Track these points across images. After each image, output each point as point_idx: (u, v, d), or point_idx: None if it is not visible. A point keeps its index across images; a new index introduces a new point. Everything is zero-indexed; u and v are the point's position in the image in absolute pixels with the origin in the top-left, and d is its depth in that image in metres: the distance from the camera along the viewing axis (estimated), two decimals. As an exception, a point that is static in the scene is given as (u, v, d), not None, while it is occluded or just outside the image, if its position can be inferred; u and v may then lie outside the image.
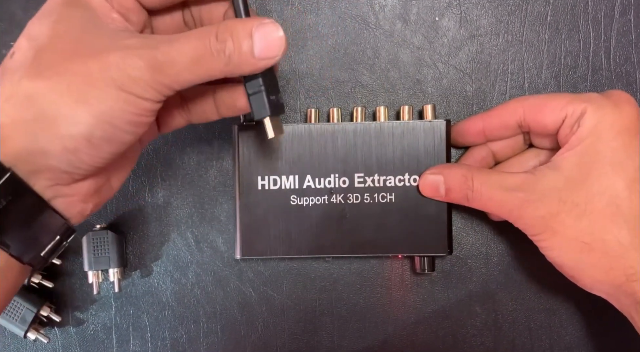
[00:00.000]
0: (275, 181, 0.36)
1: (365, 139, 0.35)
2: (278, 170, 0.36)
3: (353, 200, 0.36)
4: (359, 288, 0.39)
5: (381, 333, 0.39)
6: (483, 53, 0.38)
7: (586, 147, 0.31)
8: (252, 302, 0.39)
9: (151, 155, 0.39)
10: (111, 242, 0.38)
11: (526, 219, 0.32)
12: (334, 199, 0.36)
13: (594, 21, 0.38)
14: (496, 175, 0.33)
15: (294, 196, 0.36)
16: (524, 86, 0.38)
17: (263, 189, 0.36)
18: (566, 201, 0.30)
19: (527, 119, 0.33)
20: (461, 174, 0.33)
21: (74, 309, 0.40)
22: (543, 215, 0.31)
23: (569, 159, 0.31)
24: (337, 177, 0.36)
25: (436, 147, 0.35)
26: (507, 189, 0.32)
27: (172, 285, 0.40)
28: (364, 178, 0.35)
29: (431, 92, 0.38)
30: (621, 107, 0.31)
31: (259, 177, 0.36)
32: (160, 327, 0.40)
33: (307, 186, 0.36)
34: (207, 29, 0.26)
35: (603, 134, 0.30)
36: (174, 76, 0.25)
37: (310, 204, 0.36)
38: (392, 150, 0.35)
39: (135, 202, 0.40)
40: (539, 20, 0.38)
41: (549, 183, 0.31)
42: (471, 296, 0.39)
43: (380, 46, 0.38)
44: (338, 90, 0.39)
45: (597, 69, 0.38)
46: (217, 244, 0.39)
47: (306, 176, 0.36)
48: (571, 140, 0.31)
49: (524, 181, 0.32)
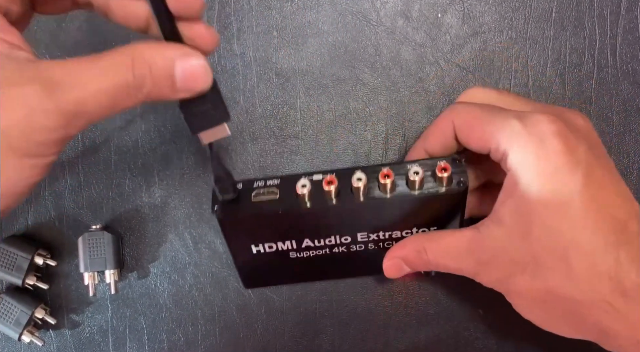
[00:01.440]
0: (271, 246, 0.34)
1: (367, 212, 0.32)
2: (272, 239, 0.34)
3: (357, 249, 0.34)
4: (360, 290, 0.39)
5: (382, 336, 0.39)
6: (486, 50, 0.38)
7: (520, 196, 0.28)
8: (251, 304, 0.39)
9: (148, 154, 0.39)
10: (107, 243, 0.38)
11: (486, 283, 0.30)
12: (336, 250, 0.34)
13: (599, 18, 0.37)
14: (445, 241, 0.31)
15: (293, 253, 0.34)
16: (528, 84, 0.38)
17: (258, 253, 0.34)
18: (516, 261, 0.28)
19: (459, 138, 0.32)
20: (414, 250, 0.32)
21: (70, 312, 0.40)
22: (498, 278, 0.30)
23: (508, 208, 0.29)
24: (339, 237, 0.33)
25: (452, 215, 0.33)
26: (456, 255, 0.30)
27: (169, 287, 0.40)
28: (368, 235, 0.33)
29: (434, 90, 0.38)
30: (547, 144, 0.27)
31: (252, 245, 0.34)
32: (158, 329, 0.40)
33: (306, 246, 0.34)
34: (121, 62, 0.23)
35: (530, 179, 0.28)
36: (82, 121, 0.23)
37: (311, 255, 0.35)
38: (399, 217, 0.32)
39: (132, 202, 0.39)
40: (543, 16, 0.38)
41: (495, 242, 0.29)
42: (475, 298, 0.38)
43: (382, 43, 0.38)
44: (339, 88, 0.38)
45: (603, 67, 0.38)
46: (216, 245, 0.39)
47: (304, 239, 0.34)
48: (505, 185, 0.29)
49: (471, 243, 0.30)
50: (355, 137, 0.38)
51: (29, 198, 0.39)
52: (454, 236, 0.31)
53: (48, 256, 0.39)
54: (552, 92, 0.37)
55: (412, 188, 0.31)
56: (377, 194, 0.31)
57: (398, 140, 0.38)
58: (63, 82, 0.22)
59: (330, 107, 0.39)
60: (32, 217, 0.40)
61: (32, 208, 0.40)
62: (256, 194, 0.31)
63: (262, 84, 0.38)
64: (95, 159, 0.39)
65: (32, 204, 0.39)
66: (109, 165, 0.39)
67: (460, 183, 0.30)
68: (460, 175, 0.30)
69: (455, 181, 0.30)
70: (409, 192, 0.31)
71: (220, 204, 0.31)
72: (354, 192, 0.31)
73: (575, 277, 0.27)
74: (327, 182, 0.30)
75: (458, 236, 0.30)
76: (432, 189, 0.31)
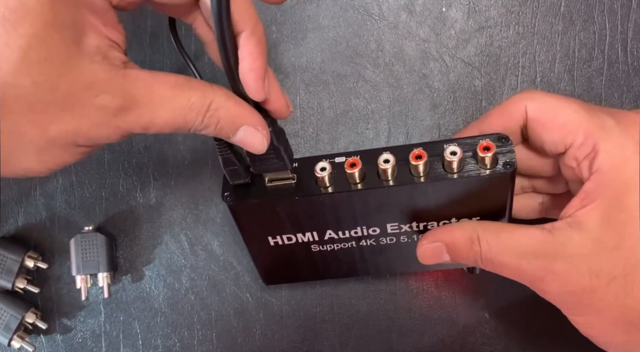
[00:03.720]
0: (290, 238, 0.32)
1: (397, 199, 0.29)
2: (291, 230, 0.32)
3: (387, 241, 0.32)
4: (361, 293, 0.39)
5: (385, 341, 0.39)
6: (493, 45, 0.38)
7: (611, 202, 0.26)
8: (250, 308, 0.39)
9: (142, 153, 0.39)
10: (100, 245, 0.38)
11: (553, 294, 0.28)
12: (363, 243, 0.32)
13: (609, 12, 0.37)
14: (507, 234, 0.28)
15: (315, 246, 0.33)
16: (535, 80, 0.37)
17: (277, 245, 0.33)
18: (599, 273, 0.26)
19: (531, 127, 0.30)
20: (465, 238, 0.29)
21: (61, 316, 0.40)
22: (574, 290, 0.27)
23: (595, 214, 0.27)
24: (365, 228, 0.31)
25: (497, 203, 0.30)
26: (521, 254, 0.28)
27: (164, 290, 0.40)
28: (399, 226, 0.31)
29: (438, 87, 0.38)
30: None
31: (269, 236, 0.32)
32: (152, 334, 0.40)
33: (329, 238, 0.32)
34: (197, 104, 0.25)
35: (630, 184, 0.26)
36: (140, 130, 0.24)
37: (336, 249, 0.33)
38: (434, 204, 0.30)
39: (125, 202, 0.40)
40: (552, 10, 0.38)
41: (573, 248, 0.27)
42: (480, 302, 0.38)
43: (384, 39, 0.38)
44: (340, 85, 0.38)
45: (613, 63, 0.37)
46: (213, 247, 0.39)
47: (327, 230, 0.31)
48: (588, 187, 0.27)
49: (541, 244, 0.27)
50: (357, 136, 0.38)
51: (19, 199, 0.40)
52: (518, 232, 0.28)
53: (39, 258, 0.39)
54: (560, 88, 0.37)
55: (449, 170, 0.28)
56: (407, 177, 0.28)
57: (401, 139, 0.38)
58: (139, 103, 0.23)
59: (330, 105, 0.38)
60: (22, 218, 0.40)
61: (22, 209, 0.40)
62: (271, 179, 0.29)
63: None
64: (88, 158, 0.39)
65: (23, 205, 0.40)
66: (102, 165, 0.39)
67: (507, 165, 0.27)
68: (506, 155, 0.27)
69: (501, 161, 0.27)
70: (446, 175, 0.28)
71: (232, 190, 0.29)
72: (380, 175, 0.28)
73: None
74: (350, 164, 0.28)
75: (524, 233, 0.28)
76: (473, 172, 0.27)
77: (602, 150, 0.27)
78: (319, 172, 0.28)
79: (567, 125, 0.28)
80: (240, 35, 0.24)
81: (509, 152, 0.27)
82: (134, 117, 0.23)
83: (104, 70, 0.23)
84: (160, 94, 0.24)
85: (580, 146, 0.27)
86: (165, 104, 0.24)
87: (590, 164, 0.27)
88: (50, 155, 0.23)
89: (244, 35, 0.24)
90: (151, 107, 0.24)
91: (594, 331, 0.28)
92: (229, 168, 0.28)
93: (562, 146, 0.28)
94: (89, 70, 0.22)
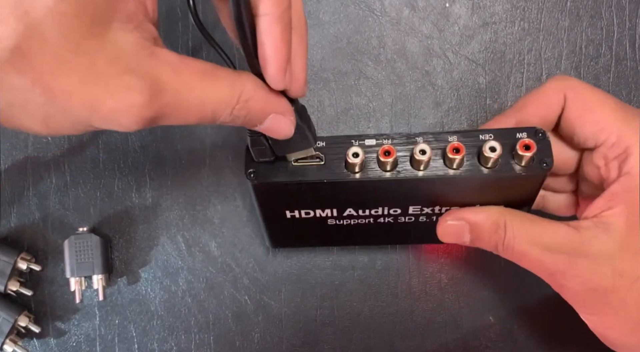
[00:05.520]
0: (308, 213, 0.32)
1: (426, 187, 0.29)
2: (310, 207, 0.32)
3: (405, 220, 0.32)
4: (362, 296, 0.39)
5: (387, 345, 0.39)
6: (497, 42, 0.38)
7: (638, 206, 0.27)
8: (248, 311, 0.39)
9: (138, 153, 0.39)
10: (95, 247, 0.38)
11: (572, 291, 0.29)
12: (381, 220, 0.32)
13: (617, 7, 0.38)
14: (533, 225, 0.29)
15: (332, 220, 0.33)
16: (541, 78, 0.38)
17: (293, 218, 0.33)
18: (623, 274, 0.27)
19: (567, 116, 0.30)
20: (491, 222, 0.29)
21: (55, 319, 0.40)
22: (595, 288, 0.28)
23: (623, 216, 0.27)
24: (387, 208, 0.31)
25: (524, 197, 0.30)
26: (545, 247, 0.28)
27: (161, 293, 0.40)
28: (421, 208, 0.31)
29: (441, 84, 0.38)
30: None
31: (287, 210, 0.32)
32: (149, 338, 0.40)
33: (348, 215, 0.32)
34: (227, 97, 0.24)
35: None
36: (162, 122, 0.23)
37: (352, 224, 0.33)
38: (462, 194, 0.30)
39: (121, 203, 0.40)
40: (558, 6, 0.38)
41: (599, 247, 0.27)
42: (485, 305, 0.38)
43: (386, 35, 0.39)
44: (340, 82, 0.39)
45: (621, 59, 0.38)
46: (210, 249, 0.39)
47: (347, 209, 0.32)
48: (616, 188, 0.28)
49: (567, 239, 0.28)
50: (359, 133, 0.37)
51: (11, 199, 0.40)
52: (544, 225, 0.28)
53: (32, 260, 0.39)
54: (567, 86, 0.37)
55: (484, 165, 0.28)
56: (441, 169, 0.28)
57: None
58: (165, 91, 0.22)
59: (331, 103, 0.39)
60: (15, 219, 0.40)
61: (15, 209, 0.40)
62: (297, 158, 0.29)
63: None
64: (83, 157, 0.40)
65: (15, 205, 0.40)
66: (97, 164, 0.39)
67: (544, 163, 0.27)
68: (544, 153, 0.27)
69: (538, 160, 0.27)
70: (481, 169, 0.28)
71: (256, 167, 0.29)
72: (414, 165, 0.28)
73: None
74: (384, 152, 0.28)
75: (550, 227, 0.28)
76: (509, 169, 0.28)
77: (634, 153, 0.27)
78: (351, 158, 0.28)
79: (602, 122, 0.28)
80: (261, 18, 0.23)
81: (547, 150, 0.27)
82: (159, 105, 0.22)
83: (133, 43, 0.21)
84: (188, 83, 0.22)
85: (613, 146, 0.28)
86: (193, 95, 0.23)
87: (619, 165, 0.28)
88: (58, 124, 0.22)
89: (266, 19, 0.23)
90: (178, 95, 0.22)
91: (610, 331, 0.29)
92: (256, 148, 0.28)
93: (592, 142, 0.29)
94: (118, 38, 0.21)
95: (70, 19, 0.19)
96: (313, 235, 0.35)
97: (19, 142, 0.40)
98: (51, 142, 0.40)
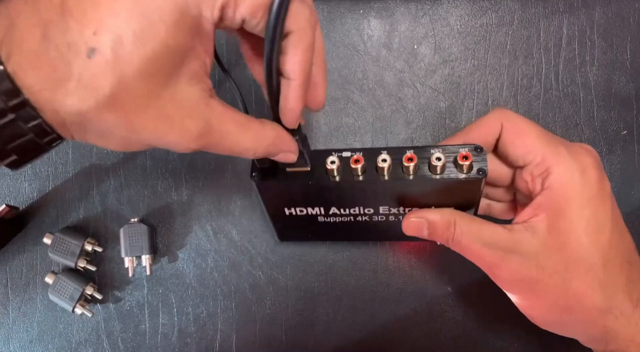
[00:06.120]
0: (302, 210, 0.34)
1: (390, 189, 0.32)
2: (303, 205, 0.34)
3: (378, 219, 0.35)
4: (350, 272, 0.40)
5: (369, 309, 0.40)
6: (454, 75, 0.40)
7: (558, 213, 0.29)
8: (261, 283, 0.41)
9: (177, 161, 0.41)
10: (144, 233, 0.40)
11: (505, 280, 0.30)
12: (359, 219, 0.35)
13: (545, 49, 0.40)
14: (477, 225, 0.30)
15: (321, 217, 0.35)
16: (488, 103, 0.40)
17: (290, 215, 0.35)
18: (544, 267, 0.29)
19: (503, 141, 0.31)
20: (444, 220, 0.30)
21: (113, 289, 0.41)
22: (522, 278, 0.29)
23: (545, 222, 0.29)
24: (362, 208, 0.34)
25: (468, 200, 0.32)
26: (485, 243, 0.29)
27: (194, 269, 0.41)
28: (389, 209, 0.33)
29: (411, 107, 0.40)
30: (588, 174, 0.29)
31: (285, 208, 0.35)
32: (185, 304, 0.41)
33: (332, 213, 0.34)
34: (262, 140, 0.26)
35: (573, 202, 0.28)
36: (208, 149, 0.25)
37: (337, 221, 0.35)
38: (419, 196, 0.32)
39: (163, 199, 0.41)
40: (500, 48, 0.40)
41: (526, 246, 0.29)
42: (444, 278, 0.40)
43: (368, 69, 0.40)
44: (333, 106, 0.41)
45: (548, 89, 0.40)
46: (232, 235, 0.41)
47: (331, 207, 0.34)
48: (540, 200, 0.29)
49: (502, 238, 0.29)
50: (347, 147, 0.40)
51: (80, 196, 0.42)
52: (486, 225, 0.30)
53: (96, 243, 0.41)
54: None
55: (433, 172, 0.30)
56: (400, 174, 0.30)
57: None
58: (212, 132, 0.24)
59: (326, 121, 0.41)
60: (82, 212, 0.41)
61: (82, 204, 0.42)
62: (290, 166, 0.31)
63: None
64: (134, 164, 0.41)
65: (83, 201, 0.42)
66: (145, 169, 0.41)
67: (480, 171, 0.29)
68: (480, 163, 0.29)
69: (476, 168, 0.29)
70: (430, 175, 0.30)
71: (258, 171, 0.31)
72: (378, 171, 0.30)
73: (602, 286, 0.28)
74: (355, 160, 0.30)
75: (490, 227, 0.30)
76: (453, 175, 0.30)
77: (554, 172, 0.29)
78: (329, 165, 0.30)
79: (529, 146, 0.30)
80: (287, 82, 0.25)
81: (483, 161, 0.30)
82: (205, 142, 0.24)
83: (195, 95, 0.23)
84: (228, 130, 0.24)
85: (537, 165, 0.30)
86: (229, 139, 0.25)
87: (542, 181, 0.29)
88: (130, 146, 0.24)
89: (294, 83, 0.25)
90: (219, 137, 0.24)
91: (534, 311, 0.31)
92: (260, 161, 0.31)
93: (522, 161, 0.30)
94: (184, 91, 0.23)
95: (152, 77, 0.21)
96: (310, 231, 0.37)
97: (86, 152, 0.41)
98: (110, 153, 0.41)
